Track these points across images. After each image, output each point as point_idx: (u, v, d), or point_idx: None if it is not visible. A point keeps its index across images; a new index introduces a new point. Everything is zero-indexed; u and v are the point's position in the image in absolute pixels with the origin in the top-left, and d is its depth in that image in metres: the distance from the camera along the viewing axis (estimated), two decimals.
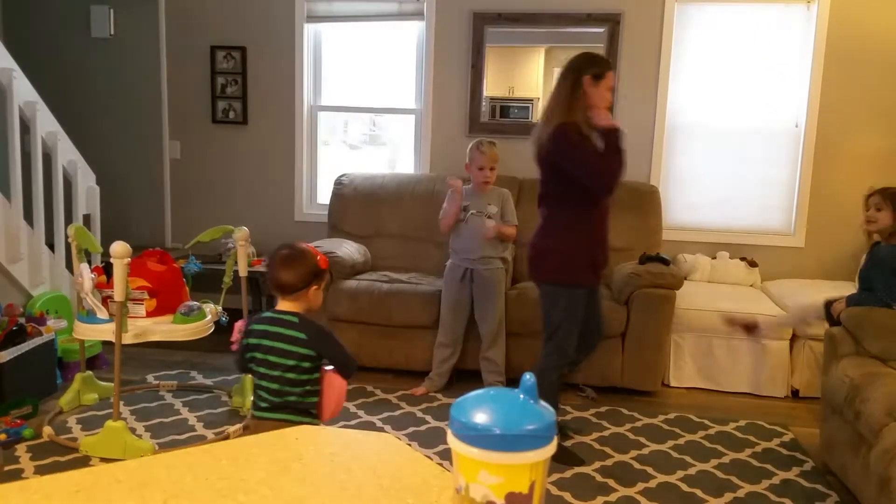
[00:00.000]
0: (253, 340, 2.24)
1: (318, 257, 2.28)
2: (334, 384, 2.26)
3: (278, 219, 5.18)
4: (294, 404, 2.22)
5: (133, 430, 3.17)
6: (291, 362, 2.19)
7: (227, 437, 3.14)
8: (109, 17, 5.08)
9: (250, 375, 2.31)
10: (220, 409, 3.53)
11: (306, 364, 2.20)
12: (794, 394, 4.01)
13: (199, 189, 5.28)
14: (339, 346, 2.28)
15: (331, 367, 2.27)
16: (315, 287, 2.26)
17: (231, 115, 5.16)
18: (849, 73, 4.49)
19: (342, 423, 3.36)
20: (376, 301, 4.00)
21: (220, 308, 3.37)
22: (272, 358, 2.20)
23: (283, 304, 2.26)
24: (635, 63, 4.68)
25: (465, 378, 3.95)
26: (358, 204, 4.68)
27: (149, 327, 3.07)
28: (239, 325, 2.41)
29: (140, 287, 3.10)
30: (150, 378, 3.90)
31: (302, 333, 2.19)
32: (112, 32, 5.13)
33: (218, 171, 5.25)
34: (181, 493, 0.92)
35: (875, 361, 2.90)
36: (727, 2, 4.57)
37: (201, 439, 3.19)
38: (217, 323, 3.30)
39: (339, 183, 4.79)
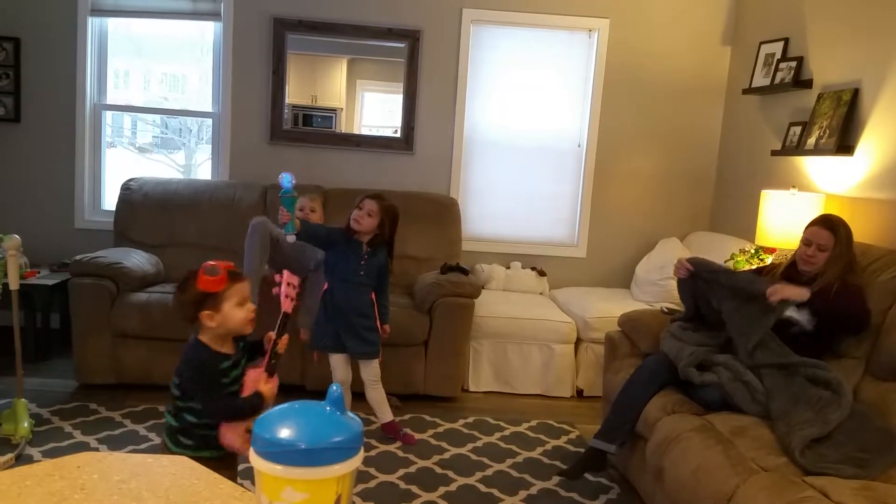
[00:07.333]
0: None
1: (199, 280, 1.98)
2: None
3: (56, 226, 4.72)
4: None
5: None
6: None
7: None
8: None
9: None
10: None
11: (177, 393, 2.07)
12: (579, 394, 4.33)
13: None
14: (201, 385, 2.06)
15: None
16: (206, 312, 2.02)
17: (1, 111, 4.63)
18: (624, 98, 4.94)
19: (130, 448, 3.13)
20: (171, 315, 3.77)
21: None
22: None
23: None
24: (435, 79, 4.84)
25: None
26: (148, 211, 4.39)
27: None
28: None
29: None
30: None
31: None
32: None
33: None
34: None
35: None
36: (519, 26, 4.86)
37: None
38: None
39: (126, 188, 4.46)
